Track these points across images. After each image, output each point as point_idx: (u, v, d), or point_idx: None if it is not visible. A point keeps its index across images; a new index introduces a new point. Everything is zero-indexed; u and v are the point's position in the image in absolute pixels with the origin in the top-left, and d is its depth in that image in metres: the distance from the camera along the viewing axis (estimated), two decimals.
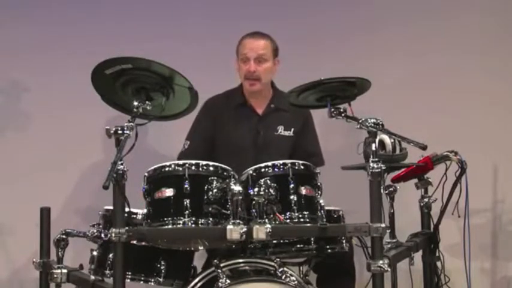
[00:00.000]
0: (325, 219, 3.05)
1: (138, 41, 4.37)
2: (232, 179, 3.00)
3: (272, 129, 3.78)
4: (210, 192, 2.96)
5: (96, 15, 4.54)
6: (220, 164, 3.04)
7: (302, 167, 3.09)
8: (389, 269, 2.90)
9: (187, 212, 2.92)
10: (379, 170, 2.88)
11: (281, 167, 3.06)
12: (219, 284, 2.97)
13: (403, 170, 3.62)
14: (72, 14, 4.53)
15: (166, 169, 3.01)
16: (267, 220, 2.93)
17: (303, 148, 3.81)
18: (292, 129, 3.80)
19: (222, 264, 3.06)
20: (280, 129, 3.79)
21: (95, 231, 3.16)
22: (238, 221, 2.88)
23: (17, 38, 4.45)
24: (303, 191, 3.03)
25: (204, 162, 3.03)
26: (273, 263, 3.08)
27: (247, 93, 3.81)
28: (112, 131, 2.80)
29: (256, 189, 2.98)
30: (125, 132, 2.79)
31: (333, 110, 3.08)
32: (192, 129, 3.82)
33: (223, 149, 3.75)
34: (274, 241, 3.14)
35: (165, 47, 4.27)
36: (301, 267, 3.34)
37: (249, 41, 3.76)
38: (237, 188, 2.91)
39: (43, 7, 4.49)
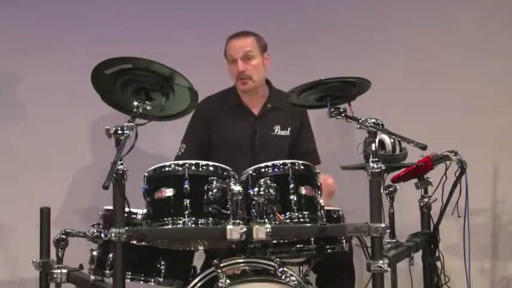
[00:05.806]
0: (325, 219, 3.05)
1: (138, 41, 4.37)
2: (232, 179, 2.99)
3: (268, 129, 3.77)
4: (210, 192, 2.95)
5: (96, 15, 4.54)
6: (220, 164, 3.02)
7: (302, 167, 3.07)
8: (389, 269, 2.90)
9: (187, 212, 2.92)
10: (379, 170, 2.87)
11: (281, 167, 3.05)
12: (219, 284, 2.97)
13: (403, 170, 3.62)
14: (72, 14, 4.52)
15: (166, 169, 3.00)
16: (267, 220, 2.93)
17: (300, 147, 3.81)
18: (289, 129, 3.79)
19: (222, 264, 3.06)
20: (277, 129, 3.78)
21: (95, 231, 3.16)
22: (238, 221, 2.87)
23: (16, 37, 4.45)
24: (303, 191, 3.02)
25: (204, 162, 3.02)
26: (273, 263, 3.08)
27: (241, 93, 3.81)
28: (112, 131, 2.80)
29: (256, 189, 2.97)
30: (125, 132, 2.79)
31: (333, 110, 3.08)
32: (187, 132, 3.82)
33: (220, 150, 3.74)
34: (274, 241, 3.13)
35: (164, 47, 4.27)
36: (301, 267, 3.33)
37: (234, 42, 3.76)
38: (237, 188, 2.91)
39: (43, 6, 4.49)
